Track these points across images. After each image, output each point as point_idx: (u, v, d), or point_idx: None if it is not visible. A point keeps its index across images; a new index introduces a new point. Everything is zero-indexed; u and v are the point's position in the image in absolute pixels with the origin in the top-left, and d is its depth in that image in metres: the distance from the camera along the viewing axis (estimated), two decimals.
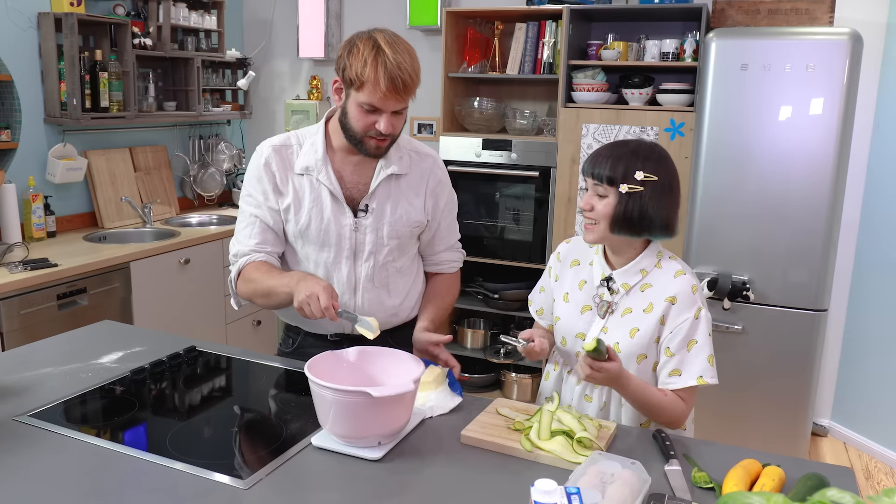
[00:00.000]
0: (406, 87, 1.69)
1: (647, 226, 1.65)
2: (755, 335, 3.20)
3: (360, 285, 1.88)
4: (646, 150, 1.66)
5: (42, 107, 3.55)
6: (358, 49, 1.69)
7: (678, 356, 1.66)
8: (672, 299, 1.67)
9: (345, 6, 4.50)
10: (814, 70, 2.97)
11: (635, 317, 1.70)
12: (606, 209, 1.65)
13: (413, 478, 1.41)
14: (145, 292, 3.40)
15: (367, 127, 1.74)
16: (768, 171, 3.09)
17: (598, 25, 3.87)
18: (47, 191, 3.58)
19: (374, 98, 1.69)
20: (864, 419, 3.68)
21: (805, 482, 1.35)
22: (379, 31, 1.74)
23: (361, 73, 1.67)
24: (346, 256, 1.87)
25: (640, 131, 3.43)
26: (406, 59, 1.69)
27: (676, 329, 1.66)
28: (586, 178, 1.69)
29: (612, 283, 1.73)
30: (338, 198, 1.84)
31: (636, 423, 1.74)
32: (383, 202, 1.87)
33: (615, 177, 1.63)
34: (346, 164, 1.86)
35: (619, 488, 1.27)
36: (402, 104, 1.73)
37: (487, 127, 3.95)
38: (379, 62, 1.66)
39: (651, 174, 1.63)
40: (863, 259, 3.65)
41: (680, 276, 1.69)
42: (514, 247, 3.85)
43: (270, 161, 1.86)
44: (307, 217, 1.84)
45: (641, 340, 1.68)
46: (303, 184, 1.85)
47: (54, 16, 3.43)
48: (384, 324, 1.89)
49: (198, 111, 4.18)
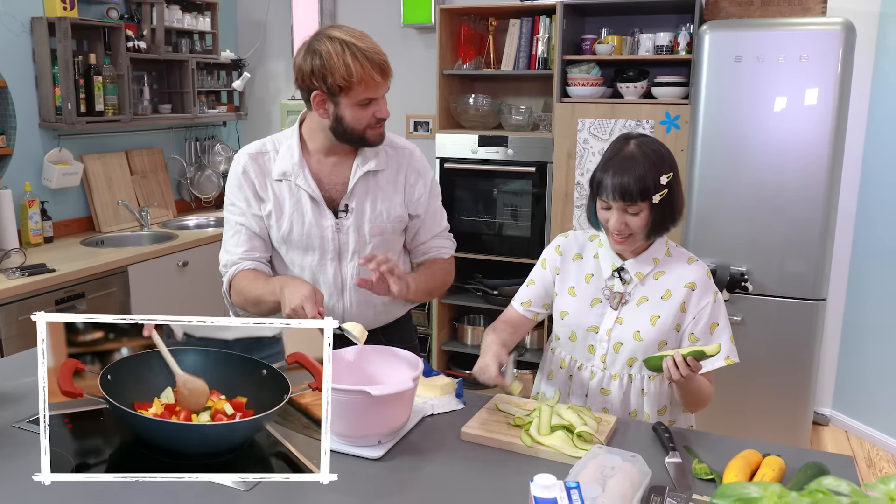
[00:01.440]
0: (388, 68, 1.71)
1: (676, 219, 1.70)
2: (754, 326, 3.21)
3: (346, 286, 1.87)
4: (652, 151, 1.65)
5: (37, 112, 3.55)
6: (330, 55, 1.65)
7: (703, 340, 1.70)
8: (692, 285, 1.71)
9: (339, 6, 4.49)
10: (807, 60, 2.97)
11: (653, 304, 1.72)
12: (642, 222, 1.65)
13: (414, 476, 1.41)
14: (144, 296, 3.40)
15: (367, 120, 1.73)
16: (764, 163, 3.09)
17: (591, 20, 3.87)
18: (44, 196, 3.58)
19: (369, 91, 1.69)
20: (865, 407, 3.68)
21: (805, 471, 1.35)
22: (326, 30, 1.71)
23: (348, 74, 1.65)
24: (330, 258, 1.85)
25: (636, 125, 3.43)
26: (372, 43, 1.70)
27: (699, 314, 1.70)
28: (608, 201, 1.65)
29: (625, 273, 1.74)
30: (317, 200, 1.82)
31: (655, 410, 1.76)
32: (362, 200, 1.84)
33: (647, 192, 1.61)
34: (324, 165, 1.84)
35: (619, 481, 1.27)
36: (387, 86, 1.74)
37: (483, 123, 3.95)
38: (359, 56, 1.65)
39: (668, 171, 1.64)
40: (860, 248, 3.66)
41: (694, 263, 1.74)
42: (512, 243, 3.86)
43: (248, 169, 1.85)
44: (289, 222, 1.83)
45: (663, 327, 1.71)
46: (282, 189, 1.84)
47: (47, 20, 3.42)
48: (375, 322, 1.89)
49: (193, 113, 4.17)
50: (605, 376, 1.77)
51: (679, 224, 1.72)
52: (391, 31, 4.29)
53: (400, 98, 4.19)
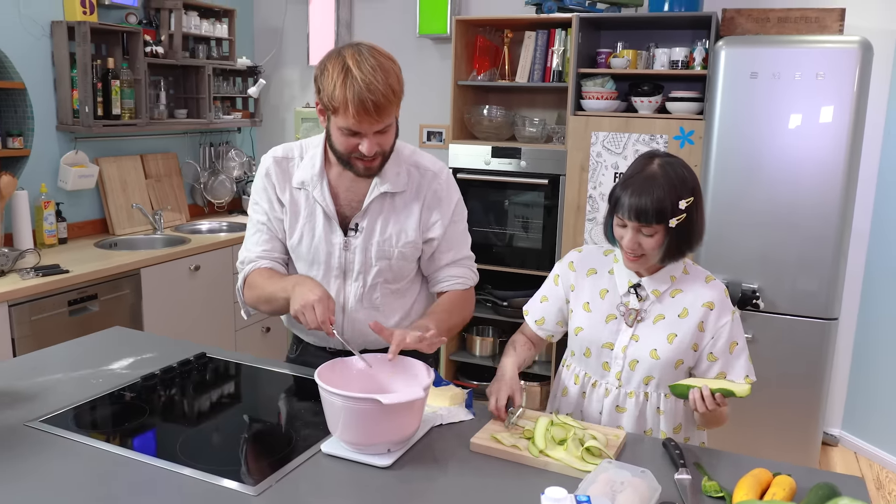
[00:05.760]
0: (379, 109, 1.57)
1: (693, 245, 1.67)
2: (765, 344, 3.19)
3: (348, 305, 1.83)
4: (676, 173, 1.63)
5: (54, 114, 3.58)
6: (328, 71, 1.60)
7: (722, 359, 1.70)
8: (710, 304, 1.70)
9: (355, 15, 4.52)
10: (824, 78, 2.96)
11: (670, 323, 1.70)
12: (655, 244, 1.63)
13: (422, 485, 1.41)
14: (155, 299, 3.42)
15: (351, 149, 1.66)
16: (778, 180, 3.08)
17: (607, 34, 3.87)
18: (59, 198, 3.60)
19: (348, 122, 1.60)
20: (876, 428, 3.65)
21: (816, 492, 1.34)
22: (351, 46, 1.62)
23: (332, 97, 1.58)
24: (334, 276, 1.83)
25: (650, 139, 3.43)
26: (378, 78, 1.56)
27: (718, 333, 1.69)
28: (624, 219, 1.63)
29: (642, 290, 1.73)
30: (330, 216, 1.79)
31: (671, 429, 1.75)
32: (374, 222, 1.80)
33: (663, 214, 1.60)
34: (343, 179, 1.80)
35: (628, 496, 1.26)
36: (379, 124, 1.62)
37: (497, 135, 3.96)
38: (347, 86, 1.55)
39: (689, 196, 1.62)
40: (873, 267, 3.63)
41: (712, 282, 1.74)
42: (522, 254, 3.85)
43: (271, 172, 1.84)
44: (299, 233, 1.82)
45: (680, 346, 1.69)
46: (298, 198, 1.82)
47: (67, 24, 3.46)
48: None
49: (208, 119, 4.20)
50: (620, 394, 1.75)
51: (696, 249, 1.70)
52: (407, 41, 4.30)
53: (414, 108, 4.21)
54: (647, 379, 1.72)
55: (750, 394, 1.56)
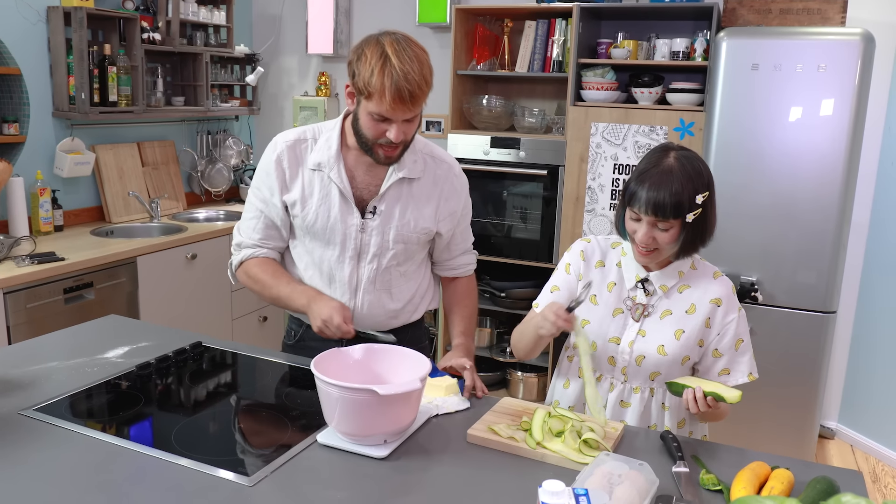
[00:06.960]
0: (413, 98, 1.63)
1: (706, 240, 1.67)
2: (763, 337, 3.18)
3: (361, 286, 1.87)
4: (693, 167, 1.61)
5: (50, 101, 3.56)
6: (366, 57, 1.64)
7: (727, 356, 1.69)
8: (717, 301, 1.69)
9: (354, 2, 4.49)
10: (825, 70, 2.95)
11: (677, 318, 1.69)
12: (671, 238, 1.62)
13: (419, 476, 1.40)
14: (152, 287, 3.40)
15: (378, 135, 1.70)
16: (778, 172, 3.07)
17: (608, 24, 3.85)
18: (55, 185, 3.58)
19: (381, 108, 1.64)
20: (872, 422, 3.66)
21: (814, 486, 1.34)
22: (389, 34, 1.68)
23: (368, 82, 1.63)
24: (349, 256, 1.85)
25: (650, 131, 3.42)
26: (414, 68, 1.63)
27: (724, 330, 1.69)
28: (639, 213, 1.61)
29: (649, 284, 1.71)
30: (347, 197, 1.82)
31: (675, 424, 1.74)
32: (392, 206, 1.84)
33: (680, 209, 1.58)
34: (360, 163, 1.83)
35: (626, 489, 1.26)
36: (411, 113, 1.68)
37: (496, 125, 3.94)
38: (385, 72, 1.61)
39: (705, 190, 1.61)
40: (872, 261, 3.63)
41: (719, 278, 1.73)
42: (521, 245, 3.84)
43: (282, 158, 1.85)
44: (314, 213, 1.84)
45: (687, 342, 1.68)
46: (313, 179, 1.84)
47: (63, 10, 3.43)
48: (384, 325, 1.91)
49: (206, 106, 4.17)
50: (625, 388, 1.74)
51: (708, 244, 1.68)
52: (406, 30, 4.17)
53: None
54: (653, 375, 1.71)
55: (740, 401, 1.54)
